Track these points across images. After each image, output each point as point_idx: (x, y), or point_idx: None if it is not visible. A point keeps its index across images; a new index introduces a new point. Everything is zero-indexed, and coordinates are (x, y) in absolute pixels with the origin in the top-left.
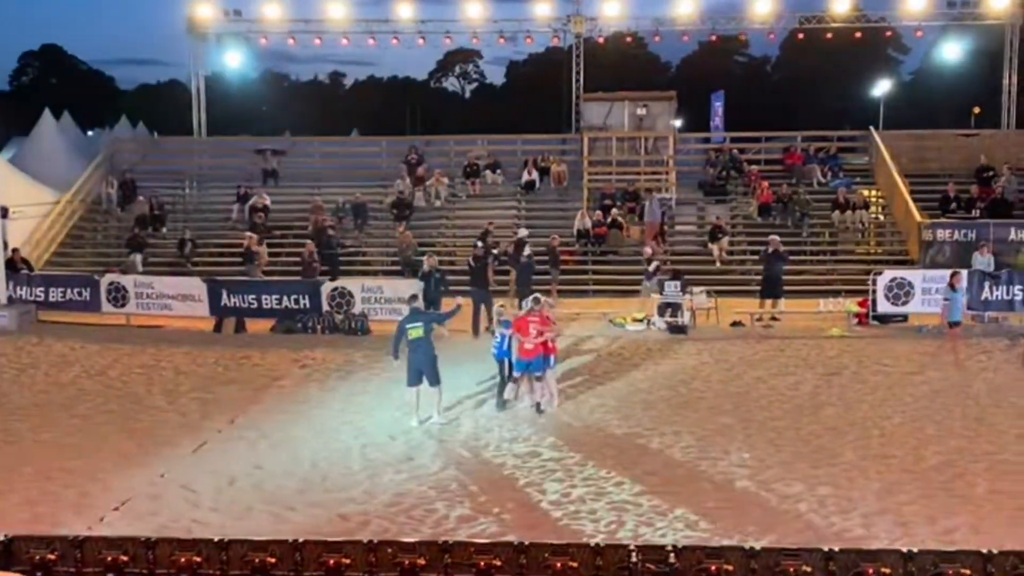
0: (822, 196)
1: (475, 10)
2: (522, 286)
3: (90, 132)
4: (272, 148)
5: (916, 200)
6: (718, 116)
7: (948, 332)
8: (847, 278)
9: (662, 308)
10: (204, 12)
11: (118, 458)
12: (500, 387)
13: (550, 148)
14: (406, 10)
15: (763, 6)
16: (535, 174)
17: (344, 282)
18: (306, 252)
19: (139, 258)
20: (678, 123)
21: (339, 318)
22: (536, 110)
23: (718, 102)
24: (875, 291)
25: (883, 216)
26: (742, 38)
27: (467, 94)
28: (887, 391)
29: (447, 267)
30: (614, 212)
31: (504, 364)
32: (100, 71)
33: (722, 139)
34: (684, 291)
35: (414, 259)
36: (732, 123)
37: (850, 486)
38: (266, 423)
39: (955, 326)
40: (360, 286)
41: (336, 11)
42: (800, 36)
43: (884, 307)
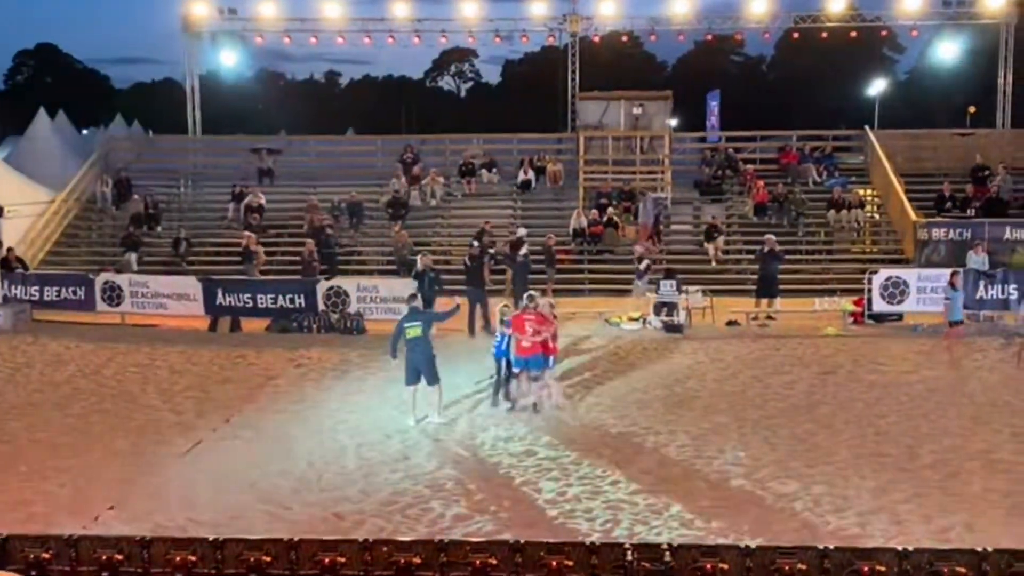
0: (817, 195)
1: (471, 9)
2: (518, 285)
3: (85, 131)
4: (267, 147)
5: (911, 199)
6: (714, 115)
7: (948, 331)
8: (842, 277)
9: (658, 307)
10: (199, 10)
11: (113, 457)
12: (496, 386)
13: (546, 147)
14: (402, 9)
15: (759, 6)
16: (531, 173)
17: (340, 281)
18: (306, 251)
19: (134, 257)
20: (674, 122)
21: (335, 317)
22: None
23: (714, 101)
24: (870, 290)
25: (878, 215)
26: (738, 38)
27: (463, 93)
28: (882, 390)
29: (443, 266)
30: (610, 211)
31: (502, 363)
32: (95, 70)
33: (718, 138)
34: (680, 290)
35: (410, 258)
36: (728, 122)
37: (845, 484)
38: (261, 422)
39: (956, 325)
40: (356, 285)
41: (332, 10)
42: (795, 35)
43: (879, 306)
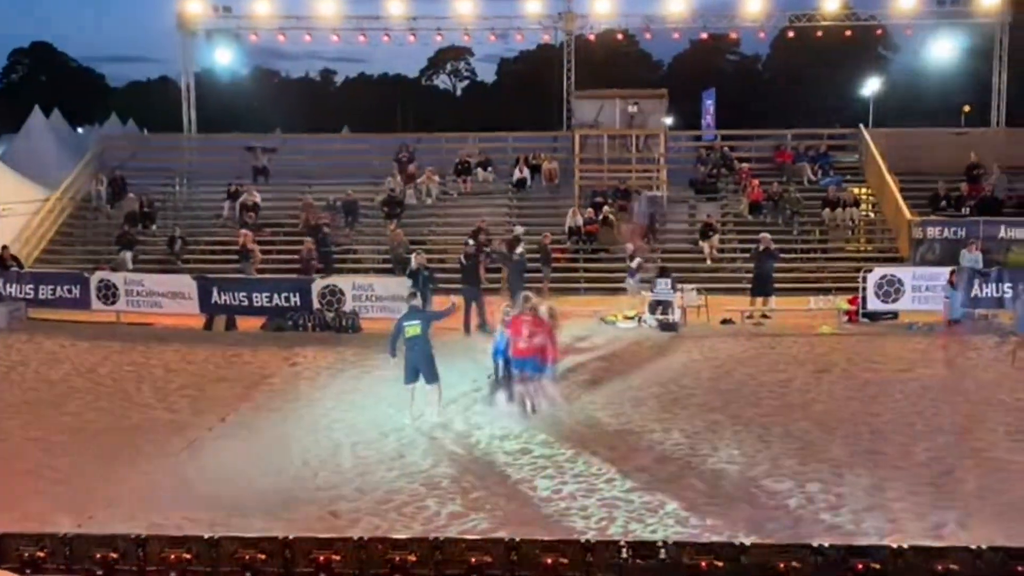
0: (812, 194)
1: (466, 7)
2: (514, 284)
3: (80, 129)
4: (263, 145)
5: (906, 198)
6: (709, 114)
7: (946, 329)
8: (837, 276)
9: (653, 306)
10: (194, 8)
11: (108, 455)
12: (494, 385)
13: (541, 146)
14: (397, 7)
15: (754, 4)
16: (526, 172)
17: (335, 280)
18: (305, 250)
19: (129, 255)
20: (669, 121)
21: (330, 316)
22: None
23: (709, 100)
24: (865, 288)
25: (873, 214)
26: (733, 36)
27: (458, 91)
28: (877, 388)
29: (438, 265)
30: (605, 210)
31: (500, 363)
32: (90, 68)
33: (713, 137)
34: (675, 289)
35: (405, 257)
36: (723, 121)
37: (840, 482)
38: (257, 421)
39: (955, 324)
40: (351, 284)
41: (326, 8)
42: (791, 34)
43: (874, 304)
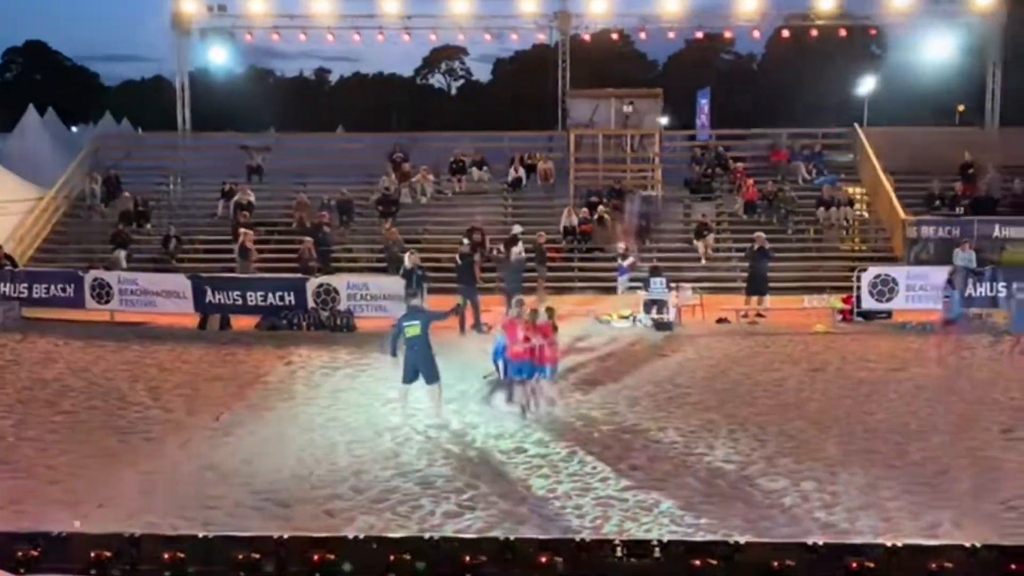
0: (807, 193)
1: (461, 6)
2: (511, 284)
3: (74, 128)
4: (257, 145)
5: (900, 197)
6: (704, 114)
7: (943, 328)
8: (832, 275)
9: (648, 305)
10: (188, 7)
11: (102, 455)
12: (493, 385)
13: (536, 145)
14: (391, 6)
15: (748, 4)
16: (522, 171)
17: (329, 279)
18: (304, 249)
19: (123, 254)
20: (664, 120)
21: (324, 315)
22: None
23: (704, 99)
24: (859, 288)
25: (867, 213)
26: (728, 36)
27: (453, 91)
28: (871, 387)
29: (433, 264)
30: (600, 209)
31: (500, 364)
32: (84, 67)
33: (708, 136)
34: (670, 288)
35: (400, 256)
36: (718, 121)
37: (834, 481)
38: (251, 420)
39: (952, 323)
40: (345, 283)
41: (321, 6)
42: (785, 34)
43: (868, 303)
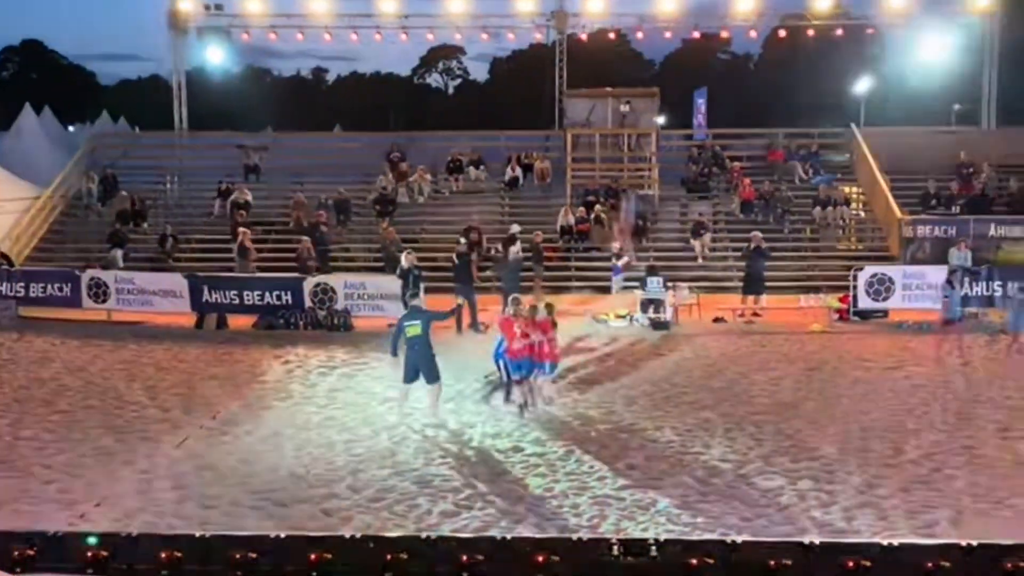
0: (803, 193)
1: (458, 6)
2: (509, 284)
3: (71, 127)
4: (253, 144)
5: (896, 197)
6: (701, 113)
7: (942, 328)
8: (828, 274)
9: (645, 304)
10: (185, 6)
11: (99, 454)
12: (492, 384)
13: (533, 144)
14: (388, 5)
15: (745, 4)
16: (519, 170)
17: (327, 278)
18: (302, 249)
19: (120, 254)
20: (661, 120)
21: (322, 314)
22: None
23: (701, 99)
24: (856, 287)
25: (864, 212)
26: (724, 35)
27: (450, 90)
28: (867, 386)
29: (430, 263)
30: (597, 209)
31: (501, 364)
32: (81, 66)
33: (705, 136)
34: (666, 287)
35: (397, 255)
36: (714, 120)
37: (831, 480)
38: (248, 419)
39: (951, 323)
40: (343, 282)
41: (318, 6)
42: (782, 33)
43: (865, 303)
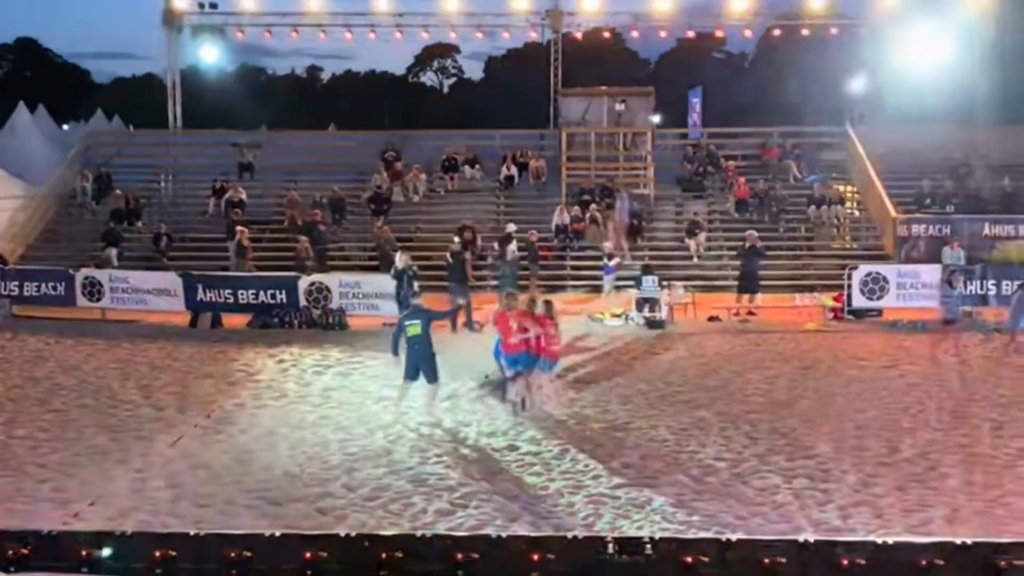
0: (798, 192)
1: (453, 4)
2: (508, 283)
3: (65, 126)
4: (248, 142)
5: (891, 196)
6: (696, 112)
7: (944, 328)
8: (823, 273)
9: (640, 303)
10: (180, 4)
11: (93, 453)
12: (491, 383)
13: (528, 143)
14: (383, 3)
15: (740, 3)
16: (514, 169)
17: (321, 277)
18: (300, 248)
19: (114, 252)
20: (656, 119)
21: (316, 313)
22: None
23: (696, 98)
24: (850, 286)
25: (858, 211)
26: (719, 35)
27: (445, 89)
28: (862, 385)
29: (425, 262)
30: (592, 208)
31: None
32: (75, 64)
33: (700, 135)
34: (661, 286)
35: (392, 254)
36: (709, 119)
37: (826, 478)
38: (243, 418)
39: (950, 323)
40: (337, 281)
41: (312, 4)
42: (776, 33)
43: (859, 302)
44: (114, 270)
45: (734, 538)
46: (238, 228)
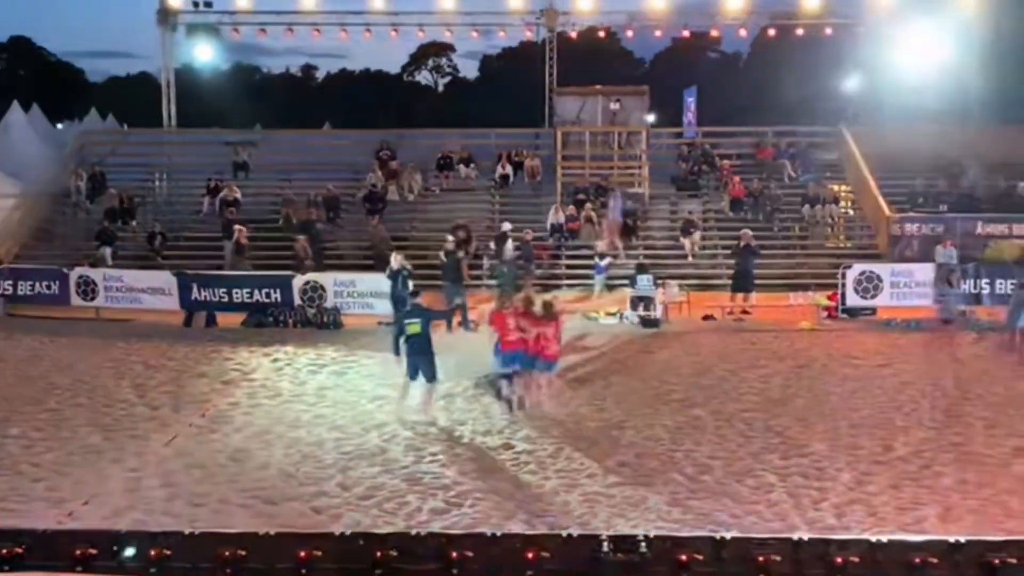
0: (792, 191)
1: (448, 3)
2: (507, 283)
3: (59, 125)
4: (242, 140)
5: (885, 195)
6: (690, 111)
7: (943, 327)
8: (817, 272)
9: (635, 302)
10: (174, 3)
11: (88, 452)
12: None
13: (523, 142)
14: (378, 2)
15: (734, 3)
16: (509, 168)
17: (316, 276)
18: (299, 247)
19: (109, 251)
20: (651, 118)
21: (311, 312)
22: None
23: (690, 97)
24: (844, 285)
25: (852, 211)
26: (714, 34)
27: (440, 88)
28: (856, 383)
29: (420, 261)
30: (588, 207)
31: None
32: (70, 63)
33: (694, 134)
34: (656, 285)
35: (387, 253)
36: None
37: (820, 477)
38: (237, 417)
39: (948, 323)
40: (332, 280)
41: (307, 3)
42: (771, 32)
43: (853, 300)
44: (108, 269)
45: (728, 536)
46: (236, 227)
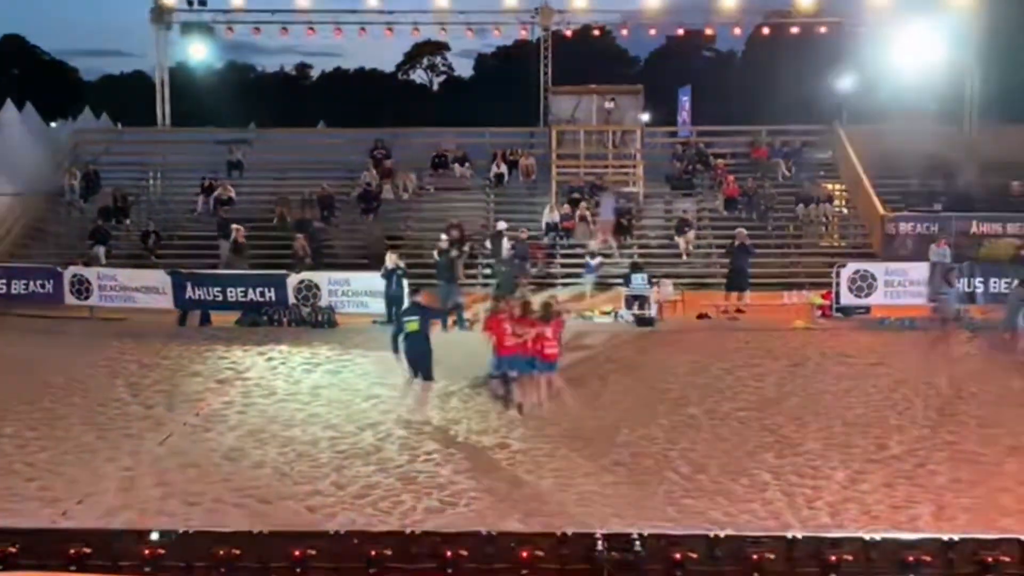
0: (787, 190)
1: (442, 1)
2: (506, 281)
3: (53, 123)
4: (236, 139)
5: (879, 194)
6: (685, 110)
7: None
8: (811, 271)
9: (629, 301)
10: (168, 1)
11: (82, 451)
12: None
13: (518, 141)
14: (372, 1)
15: (729, 1)
16: (504, 167)
17: (310, 275)
18: (298, 246)
19: (102, 250)
20: (645, 117)
21: (305, 310)
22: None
23: (685, 96)
24: (838, 283)
25: (846, 210)
26: (708, 33)
27: (435, 86)
28: (850, 382)
29: (415, 260)
30: (582, 206)
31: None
32: (63, 61)
33: (689, 133)
34: (651, 284)
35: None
36: (699, 117)
37: (815, 475)
38: (232, 416)
39: (947, 323)
40: (327, 279)
41: (301, 1)
42: (765, 31)
43: (847, 299)
44: (102, 268)
45: (723, 534)
46: (234, 226)
